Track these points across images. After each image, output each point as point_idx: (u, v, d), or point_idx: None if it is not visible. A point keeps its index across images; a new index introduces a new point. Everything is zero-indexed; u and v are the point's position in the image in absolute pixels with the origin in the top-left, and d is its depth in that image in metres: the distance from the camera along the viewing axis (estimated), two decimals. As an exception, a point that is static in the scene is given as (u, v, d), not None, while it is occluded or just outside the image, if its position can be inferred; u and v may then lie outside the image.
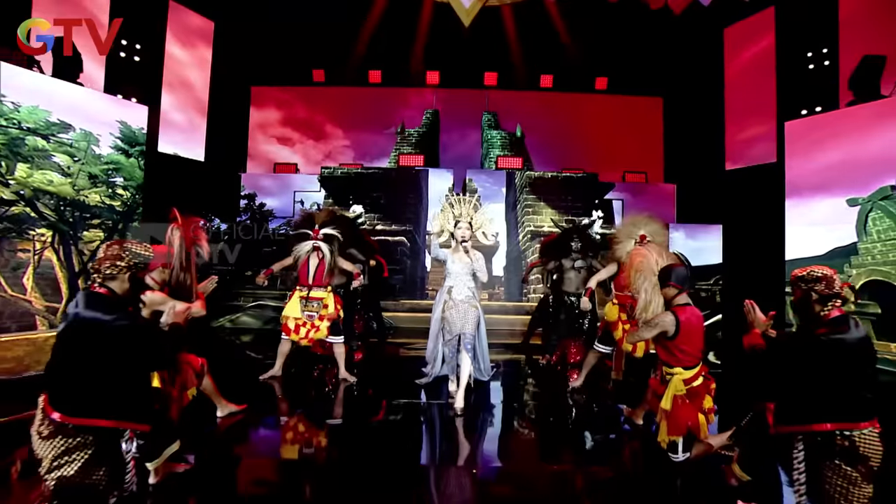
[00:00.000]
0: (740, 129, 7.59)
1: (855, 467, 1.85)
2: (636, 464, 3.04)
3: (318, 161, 9.62)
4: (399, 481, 2.67)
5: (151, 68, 7.07)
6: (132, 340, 1.87)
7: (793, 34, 6.87)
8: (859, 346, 1.92)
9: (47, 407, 1.79)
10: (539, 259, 5.63)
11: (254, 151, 9.44)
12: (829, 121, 4.84)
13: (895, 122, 4.27)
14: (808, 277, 2.02)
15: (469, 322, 4.12)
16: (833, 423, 1.90)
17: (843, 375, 1.89)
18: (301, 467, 2.87)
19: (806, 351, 1.97)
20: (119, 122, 4.76)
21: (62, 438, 1.77)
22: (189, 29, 7.65)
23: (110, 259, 1.90)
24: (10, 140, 3.94)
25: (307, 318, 4.21)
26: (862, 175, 4.38)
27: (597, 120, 9.38)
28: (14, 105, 3.99)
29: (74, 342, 1.82)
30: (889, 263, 4.16)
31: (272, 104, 9.67)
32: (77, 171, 4.35)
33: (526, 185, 8.20)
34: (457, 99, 9.71)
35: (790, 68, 6.89)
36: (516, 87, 9.32)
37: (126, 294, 1.94)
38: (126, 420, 1.89)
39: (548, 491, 2.65)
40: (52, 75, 4.54)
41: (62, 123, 4.28)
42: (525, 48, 8.83)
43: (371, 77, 9.17)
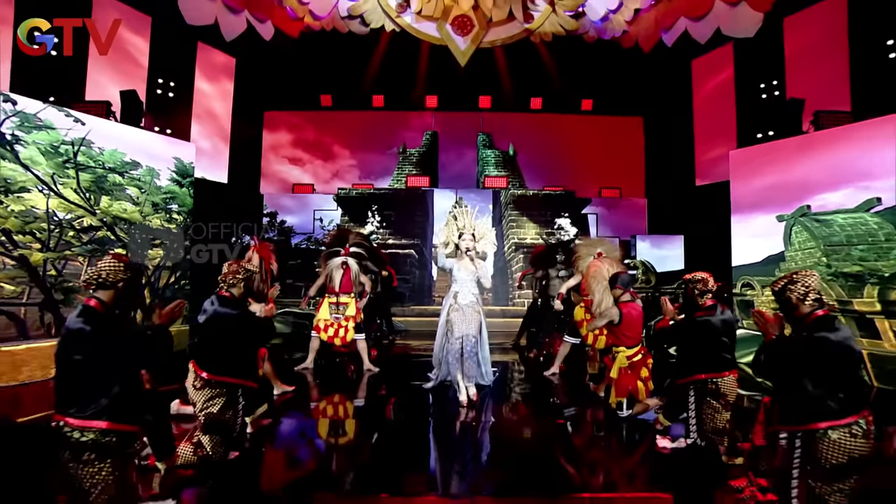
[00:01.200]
0: (708, 148, 8.69)
1: (717, 401, 2.93)
2: (595, 420, 4.07)
3: (327, 179, 10.67)
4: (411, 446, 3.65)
5: (183, 102, 8.18)
6: (248, 326, 2.93)
7: (748, 67, 8.05)
8: (721, 323, 2.99)
9: (197, 369, 2.84)
10: (529, 268, 6.73)
11: (267, 171, 10.48)
12: (763, 151, 5.95)
13: (810, 154, 5.39)
14: (693, 279, 3.10)
15: (472, 325, 4.45)
16: (706, 374, 2.98)
17: (711, 342, 2.96)
18: (333, 433, 3.88)
19: (688, 328, 3.06)
20: (174, 158, 5.83)
21: (208, 389, 2.81)
22: (214, 65, 8.75)
23: (232, 273, 2.95)
24: (97, 178, 4.99)
25: (334, 320, 5.24)
26: (787, 196, 5.48)
27: (583, 138, 10.40)
28: (99, 149, 5.06)
29: (212, 327, 2.87)
30: (807, 268, 5.26)
31: (284, 127, 10.71)
32: (143, 201, 5.41)
33: (510, 202, 9.27)
34: (454, 121, 10.75)
35: (747, 97, 8.06)
36: (509, 109, 10.28)
37: (241, 296, 3.00)
38: (244, 379, 2.94)
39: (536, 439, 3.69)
40: (119, 121, 5.62)
41: (133, 162, 5.34)
42: (515, 75, 9.88)
43: (375, 101, 10.10)
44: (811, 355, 2.08)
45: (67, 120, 4.83)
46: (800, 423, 2.11)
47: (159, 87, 7.82)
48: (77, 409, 1.93)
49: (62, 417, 1.95)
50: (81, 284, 2.51)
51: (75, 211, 4.85)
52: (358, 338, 5.33)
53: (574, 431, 3.79)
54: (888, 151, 4.81)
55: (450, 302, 4.55)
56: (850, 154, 5.06)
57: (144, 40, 7.62)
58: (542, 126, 10.63)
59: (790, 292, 2.18)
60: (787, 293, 2.19)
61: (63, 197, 4.74)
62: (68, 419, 1.94)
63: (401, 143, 10.83)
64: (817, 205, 5.25)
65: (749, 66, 8.01)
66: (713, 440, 2.98)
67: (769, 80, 7.75)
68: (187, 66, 8.26)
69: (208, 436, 2.79)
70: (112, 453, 2.00)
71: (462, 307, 4.46)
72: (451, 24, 7.49)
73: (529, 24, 7.68)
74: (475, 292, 4.52)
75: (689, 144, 9.05)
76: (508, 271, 8.72)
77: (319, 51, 8.88)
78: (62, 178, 4.75)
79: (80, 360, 1.93)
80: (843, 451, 2.02)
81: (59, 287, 4.70)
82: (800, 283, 2.17)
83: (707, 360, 2.98)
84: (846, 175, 5.05)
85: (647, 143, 10.38)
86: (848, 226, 4.95)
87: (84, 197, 4.91)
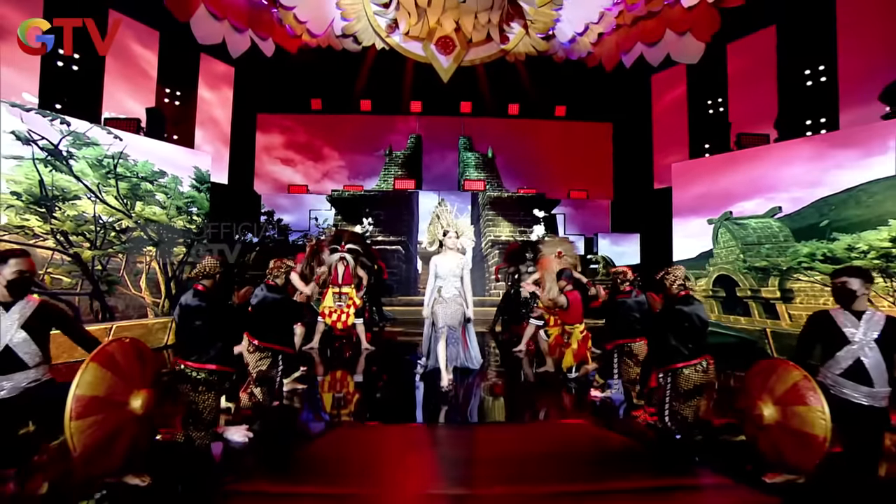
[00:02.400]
0: (664, 155, 9.96)
1: (631, 360, 4.16)
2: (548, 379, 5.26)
3: (318, 179, 11.64)
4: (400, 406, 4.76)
5: (188, 110, 9.10)
6: (289, 307, 4.04)
7: (698, 86, 9.34)
8: (635, 303, 4.21)
9: (250, 337, 3.92)
10: (503, 263, 7.89)
11: (260, 171, 11.40)
12: (698, 164, 7.24)
13: (734, 168, 6.68)
14: (616, 271, 4.31)
15: (456, 316, 4.77)
16: (623, 340, 4.20)
17: (627, 317, 4.18)
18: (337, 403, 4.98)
19: (611, 307, 4.29)
20: (194, 167, 6.81)
21: (259, 353, 3.91)
22: (215, 75, 9.66)
23: (277, 268, 4.03)
24: (132, 186, 5.96)
25: (337, 307, 6.32)
26: (715, 203, 6.76)
27: (557, 142, 11.54)
28: (133, 161, 6.02)
29: (263, 308, 3.96)
30: (729, 263, 6.56)
31: (276, 129, 11.61)
32: (169, 205, 6.39)
33: (487, 203, 10.44)
34: (437, 125, 11.77)
35: (696, 112, 9.36)
36: (488, 114, 11.28)
37: (283, 285, 4.09)
38: (284, 346, 4.04)
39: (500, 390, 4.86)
40: (146, 135, 6.57)
41: (160, 171, 6.32)
42: (494, 83, 10.95)
43: (362, 106, 11.02)
44: (673, 319, 3.30)
45: (108, 136, 5.79)
46: (667, 365, 3.33)
47: (167, 96, 8.75)
48: (195, 357, 3.03)
49: (183, 362, 3.04)
50: (192, 275, 3.54)
51: (116, 215, 5.83)
52: (357, 322, 6.44)
53: (534, 387, 5.00)
54: (792, 170, 6.11)
55: (434, 295, 4.89)
56: (763, 171, 6.35)
57: (153, 53, 8.53)
58: (520, 130, 11.71)
59: (665, 280, 3.38)
60: (664, 280, 3.40)
61: (106, 203, 5.72)
62: (188, 363, 3.03)
63: (387, 145, 11.84)
64: (737, 211, 6.55)
65: (698, 84, 9.31)
66: (628, 388, 4.22)
67: (715, 98, 9.06)
68: (191, 76, 9.18)
69: (259, 388, 3.89)
70: (215, 387, 3.10)
71: (446, 300, 4.83)
72: (436, 44, 8.56)
73: (505, 45, 8.80)
74: (458, 286, 4.89)
75: (649, 151, 10.33)
76: (485, 265, 9.90)
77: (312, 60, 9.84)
78: (105, 187, 5.72)
79: (199, 325, 3.03)
80: (691, 381, 3.24)
81: (104, 279, 5.69)
82: (671, 274, 3.38)
83: (624, 330, 4.20)
84: (759, 187, 6.34)
85: (615, 147, 11.62)
86: (758, 228, 6.25)
87: (122, 203, 5.89)
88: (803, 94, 7.64)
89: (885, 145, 5.22)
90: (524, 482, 2.78)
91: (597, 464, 3.09)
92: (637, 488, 2.73)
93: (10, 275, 2.53)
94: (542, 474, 2.91)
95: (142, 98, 8.28)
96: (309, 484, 2.73)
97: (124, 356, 2.50)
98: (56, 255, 5.25)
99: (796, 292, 5.88)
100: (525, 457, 3.20)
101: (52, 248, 5.20)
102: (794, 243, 5.91)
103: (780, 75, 8.00)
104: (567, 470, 2.98)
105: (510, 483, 2.75)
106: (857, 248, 5.29)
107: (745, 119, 8.36)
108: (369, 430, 3.78)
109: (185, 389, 3.05)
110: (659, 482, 2.82)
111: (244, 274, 8.14)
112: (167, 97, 8.70)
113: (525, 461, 3.12)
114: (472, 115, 11.41)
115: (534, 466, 3.02)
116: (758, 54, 8.28)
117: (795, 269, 5.87)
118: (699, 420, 3.30)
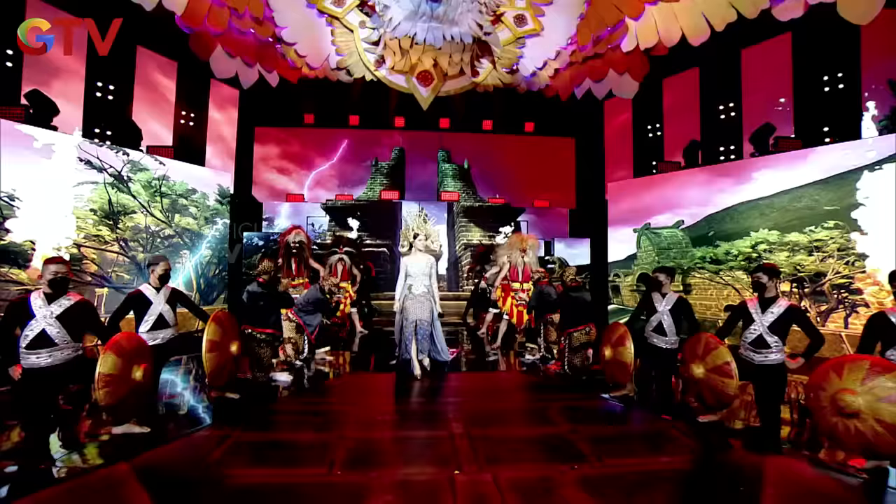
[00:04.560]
0: (613, 171, 12.02)
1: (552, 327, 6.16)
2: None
3: (311, 187, 13.46)
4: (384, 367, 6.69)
5: (200, 129, 10.86)
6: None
7: (640, 113, 11.43)
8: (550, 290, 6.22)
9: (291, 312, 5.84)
10: (473, 264, 9.88)
11: (258, 179, 13.15)
12: (626, 185, 9.31)
13: (651, 189, 8.76)
14: (562, 268, 6.33)
15: (425, 311, 5.41)
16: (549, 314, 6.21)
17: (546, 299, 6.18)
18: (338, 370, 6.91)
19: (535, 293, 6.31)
20: (218, 185, 8.65)
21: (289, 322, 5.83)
22: (223, 97, 11.43)
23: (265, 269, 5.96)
24: (172, 202, 7.79)
25: (337, 300, 8.22)
26: (638, 216, 8.83)
27: (525, 154, 13.44)
28: (172, 181, 7.84)
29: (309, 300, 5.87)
30: (648, 264, 8.65)
31: (272, 141, 13.39)
32: (199, 216, 8.23)
33: (461, 212, 12.39)
34: (418, 139, 13.55)
35: (639, 135, 11.44)
36: (464, 129, 13.13)
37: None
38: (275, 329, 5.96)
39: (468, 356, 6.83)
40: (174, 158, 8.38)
41: (192, 189, 8.14)
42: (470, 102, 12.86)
43: (351, 120, 12.75)
44: (567, 302, 5.34)
45: (154, 163, 7.61)
46: (565, 329, 5.36)
47: (183, 118, 10.53)
48: (259, 324, 4.95)
49: (250, 328, 4.95)
50: (255, 273, 5.42)
51: (160, 225, 7.64)
52: (353, 310, 8.36)
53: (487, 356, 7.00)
54: (691, 192, 8.20)
55: (405, 292, 5.53)
56: (672, 192, 8.44)
57: (172, 81, 10.29)
58: (493, 144, 13.59)
59: (563, 275, 5.44)
60: (562, 276, 5.45)
61: (154, 216, 7.53)
62: (254, 328, 4.95)
63: (373, 156, 13.68)
64: (654, 223, 8.63)
65: (641, 112, 11.39)
66: (551, 347, 6.23)
67: (653, 124, 11.16)
68: (203, 99, 10.94)
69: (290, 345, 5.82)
70: (270, 344, 5.03)
71: (416, 296, 5.47)
72: (416, 77, 10.46)
73: (476, 79, 10.74)
74: (427, 283, 5.53)
75: (602, 166, 12.38)
76: (459, 265, 11.86)
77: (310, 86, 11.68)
78: (153, 203, 7.54)
79: (261, 304, 4.95)
80: (579, 340, 5.28)
81: (153, 276, 7.50)
82: (567, 270, 5.45)
83: (545, 308, 6.21)
84: (669, 205, 8.42)
85: (577, 160, 13.64)
86: (668, 237, 8.33)
87: (165, 215, 7.71)
88: (719, 126, 9.76)
89: (749, 176, 7.32)
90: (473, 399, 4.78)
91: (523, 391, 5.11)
92: (553, 398, 4.75)
93: (49, 275, 3.53)
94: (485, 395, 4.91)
95: (164, 120, 10.06)
96: (332, 399, 4.68)
97: (228, 319, 4.43)
98: (119, 258, 7.06)
99: (693, 286, 7.98)
100: (478, 389, 5.20)
101: (117, 252, 7.02)
102: (692, 248, 8.00)
103: (703, 109, 10.12)
104: (504, 395, 4.99)
105: (459, 396, 4.74)
106: (731, 252, 7.38)
107: (674, 144, 10.47)
108: (364, 376, 5.75)
109: (251, 346, 4.97)
110: (567, 401, 4.82)
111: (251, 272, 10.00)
112: (183, 119, 10.47)
113: (478, 391, 5.12)
114: (449, 130, 13.12)
115: (480, 393, 5.03)
116: (685, 90, 10.39)
117: (692, 269, 7.97)
118: (584, 366, 5.35)
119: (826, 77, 8.12)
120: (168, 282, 4.36)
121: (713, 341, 4.05)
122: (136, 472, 2.88)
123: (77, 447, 3.52)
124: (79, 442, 3.64)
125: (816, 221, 6.65)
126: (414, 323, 5.39)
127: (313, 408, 4.40)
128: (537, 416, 4.38)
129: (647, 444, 3.79)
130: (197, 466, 3.15)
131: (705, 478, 3.25)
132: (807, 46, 8.39)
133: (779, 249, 6.95)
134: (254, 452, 3.44)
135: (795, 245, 6.82)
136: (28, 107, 6.35)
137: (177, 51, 9.83)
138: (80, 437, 3.75)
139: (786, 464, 3.36)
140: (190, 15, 7.89)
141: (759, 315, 3.96)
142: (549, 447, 3.59)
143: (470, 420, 4.04)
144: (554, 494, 2.84)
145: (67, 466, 3.16)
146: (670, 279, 4.75)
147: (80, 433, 3.83)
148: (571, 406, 4.55)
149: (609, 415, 4.52)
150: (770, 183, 7.17)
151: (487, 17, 9.55)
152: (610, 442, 3.71)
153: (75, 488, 2.77)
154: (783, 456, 3.57)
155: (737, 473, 3.27)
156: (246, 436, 3.71)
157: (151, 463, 3.14)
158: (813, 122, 8.13)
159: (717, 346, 3.98)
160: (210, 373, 4.18)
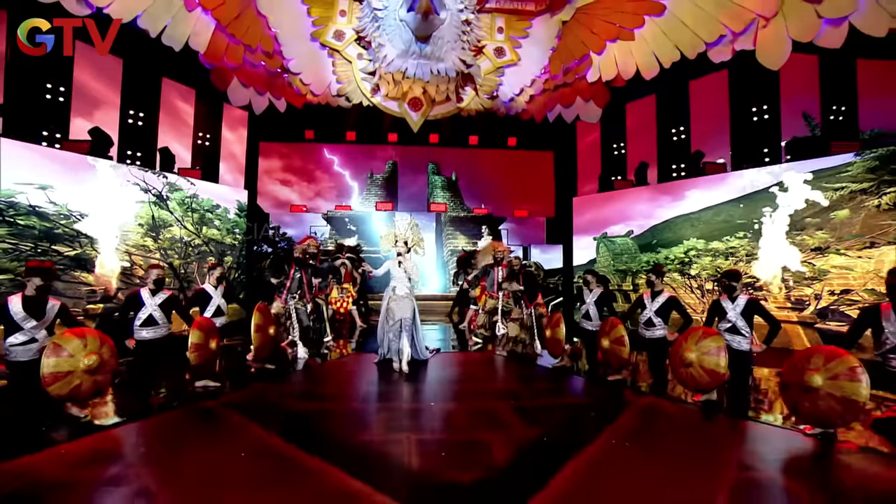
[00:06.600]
0: (584, 184, 13.83)
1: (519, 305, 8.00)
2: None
3: (310, 198, 15.15)
4: None
5: (215, 149, 12.60)
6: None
7: (606, 132, 13.28)
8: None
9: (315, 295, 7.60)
10: (458, 268, 11.67)
11: (262, 190, 14.86)
12: (589, 199, 11.14)
13: (608, 204, 10.59)
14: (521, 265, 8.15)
15: (407, 311, 6.00)
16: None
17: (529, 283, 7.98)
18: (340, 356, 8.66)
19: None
20: (237, 200, 10.39)
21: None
22: (234, 119, 13.16)
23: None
24: (201, 216, 9.52)
25: (340, 298, 9.96)
26: (597, 226, 10.64)
27: (509, 166, 15.16)
28: (200, 198, 9.58)
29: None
30: (605, 268, 10.48)
31: (275, 155, 15.11)
32: (222, 228, 9.97)
33: (447, 221, 14.19)
34: (410, 153, 15.26)
35: (606, 153, 13.28)
36: (452, 144, 14.74)
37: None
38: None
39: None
40: (201, 178, 10.12)
41: (216, 204, 9.88)
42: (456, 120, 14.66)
43: (348, 136, 14.49)
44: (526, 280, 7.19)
45: (186, 183, 9.36)
46: (530, 303, 7.20)
47: (199, 138, 12.27)
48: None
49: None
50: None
51: (191, 236, 9.37)
52: (353, 308, 10.11)
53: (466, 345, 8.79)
54: (639, 206, 10.03)
55: (389, 294, 6.19)
56: (624, 206, 10.26)
57: (190, 107, 12.03)
58: (478, 157, 15.29)
59: (511, 263, 7.31)
60: (511, 264, 7.32)
61: (187, 229, 9.26)
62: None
63: (369, 169, 15.47)
64: (610, 232, 10.45)
65: (607, 131, 13.24)
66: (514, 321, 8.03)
67: (619, 143, 13.01)
68: (217, 121, 12.68)
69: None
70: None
71: (399, 297, 6.09)
72: (408, 103, 12.25)
73: (461, 104, 12.56)
74: (408, 285, 6.16)
75: (574, 178, 14.22)
76: (446, 269, 13.66)
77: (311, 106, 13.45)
78: (186, 218, 9.27)
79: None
80: (538, 314, 7.11)
81: (185, 280, 9.24)
82: (514, 259, 7.31)
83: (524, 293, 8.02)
84: (622, 217, 10.24)
85: (556, 171, 15.45)
86: (621, 244, 10.15)
87: (196, 228, 9.45)
88: (672, 147, 11.62)
89: (683, 194, 9.16)
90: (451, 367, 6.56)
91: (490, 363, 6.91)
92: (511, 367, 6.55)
93: (154, 276, 5.32)
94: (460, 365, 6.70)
95: (184, 142, 11.79)
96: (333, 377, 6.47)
97: (267, 309, 6.22)
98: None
99: (639, 287, 9.81)
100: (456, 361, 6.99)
101: (158, 259, 8.75)
102: (639, 254, 9.83)
103: (659, 131, 11.99)
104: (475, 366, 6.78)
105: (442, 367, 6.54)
106: (669, 257, 9.22)
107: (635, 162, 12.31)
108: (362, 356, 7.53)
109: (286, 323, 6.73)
110: (521, 369, 6.60)
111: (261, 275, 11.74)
112: (199, 139, 12.21)
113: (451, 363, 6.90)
114: (438, 145, 14.71)
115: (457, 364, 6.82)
116: (645, 114, 12.23)
117: (639, 271, 9.80)
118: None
119: (754, 108, 9.99)
120: (223, 282, 6.11)
121: (615, 322, 5.88)
122: (221, 407, 4.64)
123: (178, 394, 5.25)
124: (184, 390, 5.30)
125: (731, 232, 8.50)
126: (398, 322, 6.04)
127: (333, 372, 6.20)
128: (496, 376, 6.18)
129: (566, 392, 5.60)
130: (263, 402, 4.92)
131: (587, 408, 5.05)
132: (739, 82, 10.27)
133: (704, 255, 8.79)
134: (298, 395, 5.22)
135: (716, 251, 8.67)
136: (91, 141, 8.06)
137: (194, 78, 11.60)
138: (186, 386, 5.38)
139: (651, 400, 5.17)
140: (211, 53, 9.67)
141: (650, 303, 5.78)
142: (500, 393, 5.39)
143: (446, 380, 5.82)
144: (498, 416, 4.63)
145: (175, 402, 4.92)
146: (660, 279, 5.83)
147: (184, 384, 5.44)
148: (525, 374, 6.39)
149: (544, 374, 6.34)
150: (698, 200, 9.02)
151: (470, 51, 11.37)
152: (543, 393, 5.51)
153: (180, 415, 4.52)
154: (652, 395, 5.38)
155: (617, 408, 5.06)
156: (290, 387, 5.49)
157: (231, 401, 4.90)
158: (744, 147, 10.01)
159: (615, 325, 5.81)
160: (256, 348, 5.93)
